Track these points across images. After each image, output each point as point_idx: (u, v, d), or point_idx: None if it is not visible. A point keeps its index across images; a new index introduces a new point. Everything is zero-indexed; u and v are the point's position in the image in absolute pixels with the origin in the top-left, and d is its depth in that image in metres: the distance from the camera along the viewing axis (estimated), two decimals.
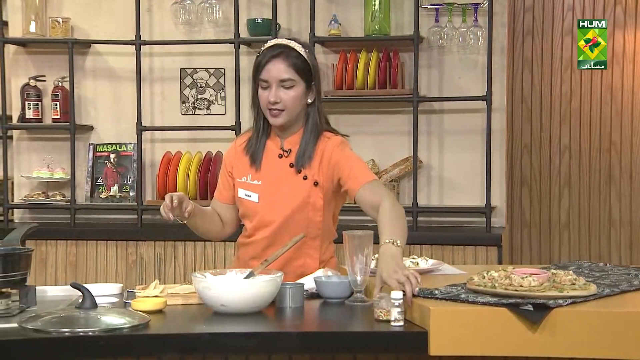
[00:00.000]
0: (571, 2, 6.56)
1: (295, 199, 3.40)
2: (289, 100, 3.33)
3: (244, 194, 3.46)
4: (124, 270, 5.66)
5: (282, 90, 3.32)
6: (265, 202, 3.43)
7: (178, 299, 3.02)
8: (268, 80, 3.32)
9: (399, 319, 2.63)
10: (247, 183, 3.46)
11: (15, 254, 2.90)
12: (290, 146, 3.44)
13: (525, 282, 2.66)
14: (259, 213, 3.44)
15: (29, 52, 6.21)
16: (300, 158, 3.40)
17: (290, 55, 3.34)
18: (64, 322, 2.60)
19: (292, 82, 3.32)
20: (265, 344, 2.61)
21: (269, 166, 3.45)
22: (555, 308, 2.52)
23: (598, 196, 6.62)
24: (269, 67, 3.31)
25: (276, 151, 3.46)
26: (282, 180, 3.42)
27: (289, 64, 3.32)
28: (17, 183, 6.24)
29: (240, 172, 3.49)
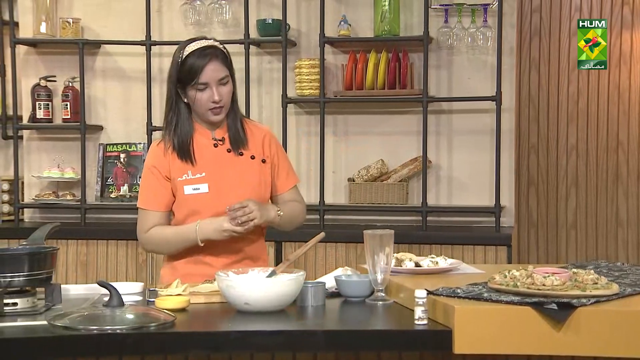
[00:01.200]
0: (578, 3, 6.58)
1: (250, 179, 3.53)
2: (227, 96, 3.47)
3: (191, 189, 3.49)
4: (134, 270, 5.68)
5: (220, 88, 3.43)
6: (216, 190, 3.49)
7: (200, 298, 3.05)
8: (208, 82, 3.41)
9: (422, 317, 2.65)
10: (190, 179, 3.50)
11: (41, 253, 2.93)
12: (221, 134, 3.56)
13: (548, 281, 2.68)
14: (212, 202, 3.48)
15: (39, 53, 6.23)
16: (237, 142, 3.55)
17: (218, 54, 3.46)
18: (92, 320, 2.63)
19: (227, 78, 3.46)
20: (291, 342, 2.63)
21: (206, 157, 3.53)
22: (579, 307, 2.54)
23: (605, 196, 6.64)
24: (206, 71, 3.40)
25: (208, 142, 3.55)
26: (226, 166, 3.52)
27: (221, 62, 3.45)
28: (27, 183, 6.26)
29: (178, 171, 3.51)
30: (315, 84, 5.78)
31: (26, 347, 2.57)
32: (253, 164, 3.55)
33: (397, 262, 3.26)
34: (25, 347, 2.57)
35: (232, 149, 3.54)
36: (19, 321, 2.76)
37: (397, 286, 3.06)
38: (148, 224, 3.56)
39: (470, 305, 2.63)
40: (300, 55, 5.96)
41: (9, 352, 2.56)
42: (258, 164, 3.57)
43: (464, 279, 3.09)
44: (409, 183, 5.87)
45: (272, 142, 3.64)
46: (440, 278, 3.15)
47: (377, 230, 3.05)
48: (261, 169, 3.57)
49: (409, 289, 2.94)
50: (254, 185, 3.53)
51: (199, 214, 3.48)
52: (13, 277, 2.84)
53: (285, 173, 3.65)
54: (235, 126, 3.54)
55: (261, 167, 3.57)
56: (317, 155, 5.85)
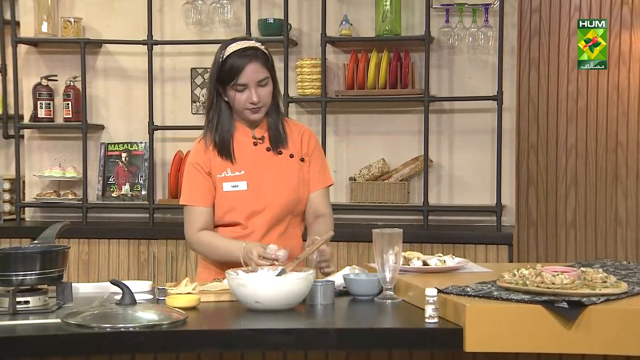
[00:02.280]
0: (578, 3, 6.60)
1: (288, 177, 3.55)
2: (266, 96, 3.48)
3: (230, 186, 3.51)
4: (136, 269, 5.69)
5: (259, 89, 3.44)
6: (255, 188, 3.52)
7: (210, 296, 3.06)
8: (247, 83, 3.42)
9: (433, 315, 2.67)
10: (229, 176, 3.52)
11: (52, 252, 2.94)
12: (261, 133, 3.58)
13: (557, 280, 2.70)
14: (250, 200, 3.51)
15: (40, 52, 6.24)
16: (276, 141, 3.56)
17: (259, 55, 3.46)
18: (105, 318, 2.64)
19: (267, 80, 3.46)
20: (303, 340, 2.64)
21: (246, 155, 3.55)
22: (589, 305, 2.56)
23: (604, 195, 6.66)
24: (246, 72, 3.41)
25: (248, 141, 3.57)
26: (265, 165, 3.54)
27: (261, 63, 3.45)
28: (28, 182, 6.27)
29: (218, 168, 3.54)
30: (316, 84, 5.79)
31: (40, 345, 2.58)
32: (292, 163, 3.57)
33: (405, 261, 3.28)
34: (39, 345, 2.58)
35: (271, 147, 3.55)
36: (31, 319, 2.77)
37: (405, 285, 3.08)
38: (197, 223, 3.54)
39: (481, 303, 2.65)
40: (301, 55, 5.98)
41: (23, 349, 2.58)
42: (297, 162, 3.58)
43: (471, 278, 3.10)
44: (410, 182, 5.88)
45: (311, 140, 3.65)
46: (448, 277, 3.17)
47: (385, 229, 3.07)
48: (300, 167, 3.59)
49: (417, 288, 2.96)
50: (293, 184, 3.55)
51: (236, 211, 3.51)
52: (25, 275, 2.85)
53: (316, 172, 3.64)
54: (275, 125, 3.56)
55: (300, 165, 3.59)
56: None
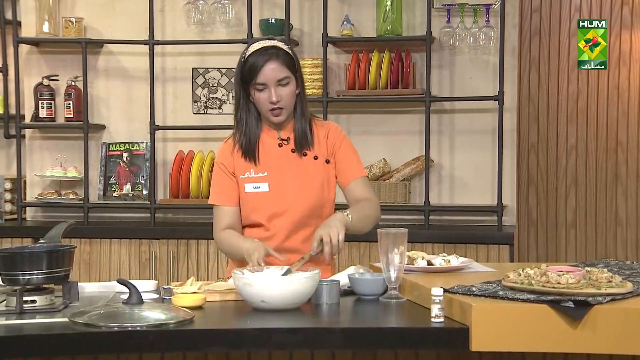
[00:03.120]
0: (578, 3, 6.61)
1: (312, 180, 3.53)
2: (287, 97, 3.44)
3: (252, 187, 3.52)
4: (137, 268, 5.69)
5: (280, 89, 3.42)
6: (276, 190, 3.51)
7: (216, 296, 3.07)
8: (266, 82, 3.41)
9: (439, 315, 2.68)
10: (252, 177, 3.53)
11: (59, 251, 2.94)
12: (287, 135, 3.56)
13: (563, 280, 2.71)
14: (271, 201, 3.51)
15: (42, 52, 6.24)
16: (301, 142, 3.53)
17: (280, 55, 3.43)
18: (113, 317, 2.65)
19: (288, 80, 3.43)
20: (309, 339, 2.65)
21: (270, 157, 3.55)
22: (595, 305, 2.57)
23: (604, 195, 6.68)
24: (265, 70, 3.39)
25: (274, 142, 3.56)
26: (289, 167, 3.53)
27: (281, 63, 3.42)
28: (30, 182, 6.28)
29: (242, 169, 3.54)
30: (318, 84, 5.80)
31: (48, 344, 2.58)
32: (316, 165, 3.54)
33: (410, 261, 3.29)
34: (47, 344, 2.58)
35: (296, 149, 3.53)
36: (37, 318, 2.78)
37: (410, 284, 3.09)
38: (222, 222, 3.55)
39: (487, 303, 2.66)
40: (302, 55, 5.98)
41: (31, 348, 2.58)
42: (322, 164, 3.55)
43: (476, 278, 3.11)
44: (411, 182, 5.89)
45: (336, 137, 3.59)
46: (452, 276, 3.18)
47: (391, 229, 3.08)
48: (325, 169, 3.55)
49: (422, 287, 2.97)
50: (316, 186, 3.52)
51: (258, 212, 3.51)
52: (32, 275, 2.86)
53: (348, 164, 3.58)
54: (301, 127, 3.52)
55: (325, 167, 3.55)
56: None
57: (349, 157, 3.60)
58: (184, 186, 5.91)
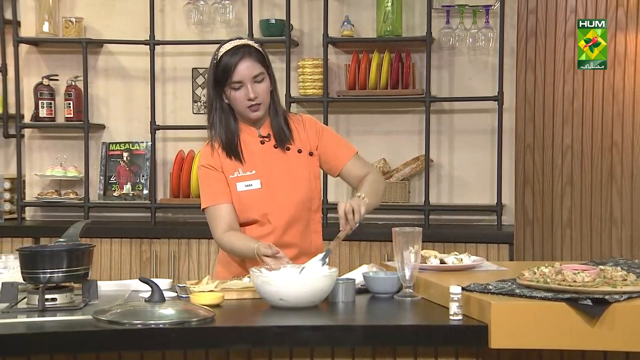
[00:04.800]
0: (574, 4, 6.64)
1: (299, 173, 3.57)
2: (263, 92, 3.48)
3: (243, 185, 3.53)
4: (138, 268, 5.71)
5: (256, 86, 3.46)
6: (268, 186, 3.53)
7: (233, 294, 3.10)
8: (242, 80, 3.44)
9: (457, 312, 2.72)
10: (242, 176, 3.54)
11: (79, 250, 2.97)
12: (266, 131, 3.59)
13: (579, 278, 2.75)
14: (265, 198, 3.53)
15: (41, 52, 6.26)
16: (281, 138, 3.57)
17: (252, 52, 3.47)
18: (135, 315, 2.67)
19: (262, 76, 3.47)
20: (331, 336, 2.68)
21: (254, 154, 3.57)
22: (613, 303, 2.61)
23: (599, 195, 6.70)
24: (240, 68, 3.43)
25: (255, 140, 3.59)
26: (275, 162, 3.56)
27: (255, 59, 3.46)
28: (29, 181, 6.29)
29: (229, 169, 3.55)
30: (318, 84, 5.83)
31: (73, 340, 2.61)
32: (300, 158, 3.58)
33: (422, 259, 3.32)
34: (72, 341, 2.61)
35: (277, 145, 3.56)
36: (58, 316, 2.80)
37: (424, 282, 3.13)
38: (222, 223, 3.53)
39: (505, 301, 2.69)
40: (302, 56, 6.02)
41: (56, 345, 2.61)
42: (305, 157, 3.59)
43: (488, 276, 3.16)
44: (411, 182, 5.93)
45: (314, 127, 3.65)
46: (465, 275, 3.22)
47: (405, 227, 3.12)
48: (309, 162, 3.60)
49: (436, 285, 3.01)
50: (304, 179, 3.57)
51: (252, 210, 3.52)
52: (53, 273, 2.89)
53: (336, 147, 3.64)
54: (278, 123, 3.57)
55: (309, 160, 3.60)
56: None
57: (334, 141, 3.67)
58: (184, 186, 5.93)
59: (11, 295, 2.89)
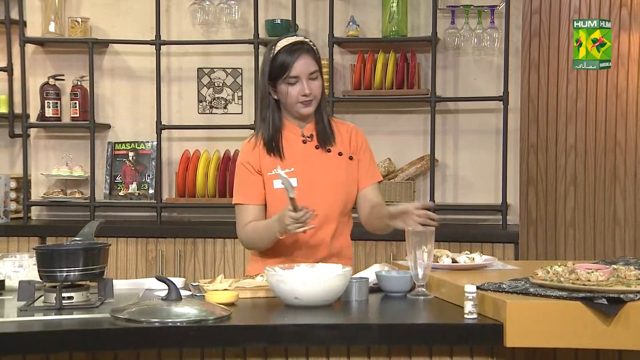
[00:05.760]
0: (577, 5, 6.67)
1: (338, 175, 3.59)
2: (317, 89, 3.53)
3: (280, 182, 3.50)
4: (144, 267, 5.72)
5: (310, 82, 3.51)
6: (306, 184, 3.54)
7: (247, 293, 3.12)
8: (298, 75, 3.49)
9: (472, 311, 2.73)
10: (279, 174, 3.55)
11: (95, 248, 2.98)
12: (310, 132, 3.62)
13: (593, 277, 2.76)
14: (300, 196, 3.48)
15: (47, 52, 6.27)
16: (324, 139, 3.60)
17: (309, 50, 3.54)
18: (153, 313, 2.69)
19: (317, 74, 3.53)
20: (347, 335, 2.70)
21: (295, 153, 3.59)
22: (628, 302, 2.63)
23: (603, 195, 6.72)
24: (298, 64, 3.48)
25: (297, 139, 3.61)
26: (315, 162, 3.57)
27: (312, 57, 3.53)
28: (35, 181, 6.31)
29: (268, 166, 3.58)
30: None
31: (92, 338, 2.63)
32: (341, 161, 3.60)
33: (434, 259, 3.35)
34: (91, 339, 2.63)
35: (320, 145, 3.58)
36: (75, 314, 2.82)
37: (436, 281, 3.15)
38: (245, 220, 3.57)
39: (520, 300, 2.71)
40: None
41: (75, 343, 2.63)
42: (345, 160, 3.61)
43: (500, 275, 3.18)
44: (416, 181, 5.95)
45: (359, 137, 3.69)
46: (476, 274, 3.23)
47: (418, 226, 3.14)
48: (348, 165, 3.61)
49: (449, 284, 3.04)
50: (342, 181, 3.58)
51: None
52: (69, 272, 2.90)
53: (366, 168, 3.66)
54: (323, 123, 3.60)
55: (348, 164, 3.61)
56: None
57: (368, 161, 3.69)
58: (190, 185, 5.95)
59: (28, 293, 2.91)
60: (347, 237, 3.70)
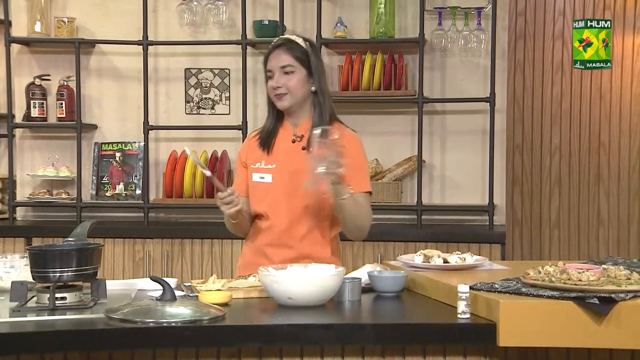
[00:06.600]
0: (562, 6, 6.70)
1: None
2: (290, 84, 3.56)
3: (258, 177, 3.64)
4: (131, 268, 5.72)
5: (283, 76, 3.56)
6: (278, 182, 3.60)
7: (240, 293, 3.13)
8: (271, 69, 3.59)
9: (465, 311, 2.75)
10: (260, 167, 3.65)
11: (88, 249, 2.99)
12: (302, 132, 3.65)
13: (584, 277, 2.79)
14: (272, 193, 3.60)
15: (33, 52, 6.26)
16: None
17: (290, 46, 3.59)
18: (148, 313, 2.70)
19: (292, 68, 3.56)
20: (341, 335, 2.71)
21: (282, 151, 3.64)
22: (619, 302, 2.65)
23: (587, 195, 6.77)
24: (271, 58, 3.60)
25: (289, 137, 3.66)
26: (296, 162, 3.58)
27: (287, 52, 3.58)
28: (20, 181, 6.29)
29: (254, 159, 3.67)
30: None
31: (86, 339, 2.63)
32: None
33: (426, 259, 3.37)
34: (86, 339, 2.63)
35: (307, 146, 3.55)
36: (68, 314, 2.82)
37: (428, 281, 3.17)
38: None
39: (513, 299, 2.73)
40: None
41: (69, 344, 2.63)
42: None
43: (491, 275, 3.20)
44: (403, 182, 5.97)
45: (350, 145, 3.51)
46: (467, 274, 3.25)
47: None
48: None
49: (442, 284, 3.05)
50: None
51: (260, 202, 3.62)
52: (62, 272, 2.91)
53: (353, 174, 3.46)
54: (317, 125, 3.48)
55: None
56: None
57: (355, 169, 3.53)
58: (177, 186, 5.94)
59: (21, 294, 2.91)
60: (324, 243, 3.64)
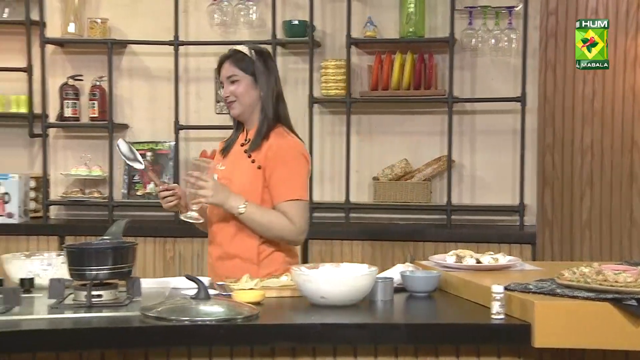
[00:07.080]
0: (594, 5, 6.67)
1: (240, 179, 3.69)
2: (237, 91, 3.71)
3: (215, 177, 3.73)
4: (161, 267, 5.75)
5: (230, 85, 3.73)
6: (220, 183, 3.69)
7: (272, 292, 3.14)
8: (222, 80, 3.79)
9: (500, 312, 2.75)
10: (217, 169, 3.77)
11: (123, 247, 3.02)
12: (250, 136, 3.76)
13: (620, 278, 2.77)
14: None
15: (66, 52, 6.31)
16: (253, 145, 3.70)
17: (235, 57, 3.75)
18: (183, 311, 2.71)
19: (236, 77, 3.72)
20: (375, 335, 2.72)
21: (232, 154, 3.81)
22: None
23: (619, 196, 6.72)
24: (221, 70, 3.78)
25: (240, 141, 3.79)
26: (237, 165, 3.73)
27: (232, 63, 3.73)
28: (53, 180, 6.33)
29: (217, 161, 3.86)
30: (341, 84, 5.86)
31: (123, 336, 2.66)
32: (251, 167, 3.65)
33: (458, 259, 3.37)
34: (121, 337, 2.66)
35: (247, 150, 3.70)
36: (104, 312, 2.85)
37: (461, 282, 3.16)
38: None
39: (548, 300, 2.72)
40: (324, 56, 6.05)
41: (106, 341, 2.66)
42: (254, 169, 3.65)
43: (524, 276, 3.20)
44: (432, 182, 5.97)
45: (279, 150, 3.64)
46: (500, 274, 3.25)
47: None
48: (256, 174, 3.64)
49: (475, 285, 3.05)
50: (245, 189, 3.62)
51: None
52: (99, 270, 2.93)
53: (277, 184, 3.62)
54: (258, 132, 3.69)
55: (256, 173, 3.64)
56: (341, 155, 5.96)
57: (280, 177, 3.63)
58: None
59: (59, 291, 2.94)
60: (253, 244, 3.67)
